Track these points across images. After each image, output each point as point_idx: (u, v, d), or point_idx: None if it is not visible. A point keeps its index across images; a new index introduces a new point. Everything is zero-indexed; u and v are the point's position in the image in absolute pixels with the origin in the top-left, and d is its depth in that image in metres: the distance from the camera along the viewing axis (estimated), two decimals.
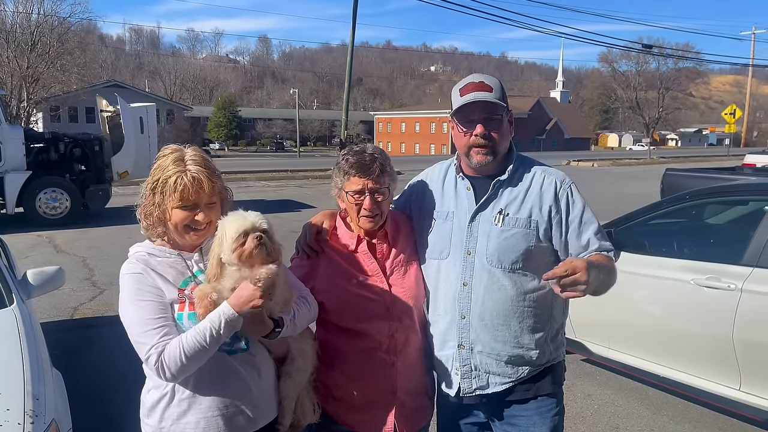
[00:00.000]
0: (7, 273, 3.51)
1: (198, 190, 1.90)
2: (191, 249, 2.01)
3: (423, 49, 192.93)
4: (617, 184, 20.71)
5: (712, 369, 4.05)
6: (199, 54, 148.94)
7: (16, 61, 30.90)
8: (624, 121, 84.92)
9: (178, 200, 1.90)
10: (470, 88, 2.20)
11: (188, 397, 1.93)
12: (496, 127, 2.18)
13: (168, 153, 1.95)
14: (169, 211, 1.92)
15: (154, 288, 1.89)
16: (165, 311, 1.86)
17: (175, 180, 1.89)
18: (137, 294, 1.88)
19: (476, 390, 2.24)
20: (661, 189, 10.90)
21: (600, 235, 2.23)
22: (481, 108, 2.17)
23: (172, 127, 52.00)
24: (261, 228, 1.85)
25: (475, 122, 2.18)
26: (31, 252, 10.15)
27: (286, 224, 11.86)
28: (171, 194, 1.90)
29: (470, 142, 2.20)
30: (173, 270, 1.95)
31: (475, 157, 2.21)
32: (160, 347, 1.80)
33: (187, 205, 1.91)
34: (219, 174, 2.00)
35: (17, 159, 12.62)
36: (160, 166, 1.94)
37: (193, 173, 1.90)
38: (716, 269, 4.04)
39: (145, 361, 1.85)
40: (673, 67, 51.43)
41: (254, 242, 1.82)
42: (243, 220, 1.87)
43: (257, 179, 22.21)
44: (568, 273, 1.88)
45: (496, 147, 2.20)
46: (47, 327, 3.88)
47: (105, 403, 4.46)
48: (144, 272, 1.91)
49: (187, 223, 1.93)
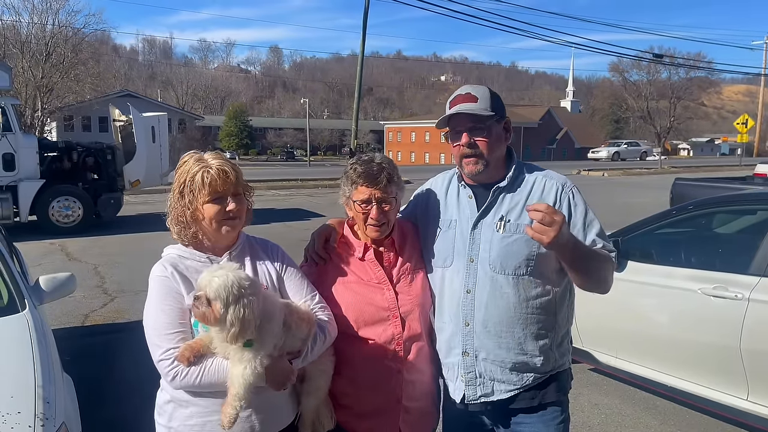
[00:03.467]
0: (20, 279, 3.56)
1: (225, 181, 1.96)
2: (224, 249, 2.07)
3: (433, 58, 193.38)
4: (627, 194, 20.60)
5: (720, 379, 4.03)
6: (210, 64, 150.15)
7: (30, 71, 31.36)
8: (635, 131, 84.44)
9: (208, 194, 1.96)
10: (458, 101, 2.25)
11: (197, 400, 1.97)
12: (482, 136, 2.21)
13: (188, 158, 2.03)
14: (200, 208, 1.98)
15: (177, 294, 1.95)
16: (184, 317, 1.93)
17: (202, 175, 1.96)
18: (161, 298, 1.95)
19: (481, 397, 2.25)
20: (671, 199, 10.84)
21: (602, 237, 2.23)
22: (466, 118, 2.20)
23: (184, 136, 52.30)
24: (204, 291, 1.82)
25: (461, 132, 2.22)
26: (44, 259, 10.24)
27: (296, 233, 11.94)
28: (200, 190, 1.96)
29: (459, 152, 2.25)
30: (201, 274, 1.99)
31: (466, 167, 2.25)
32: (173, 353, 1.88)
33: (216, 198, 1.97)
34: (239, 168, 2.06)
35: (31, 168, 12.77)
36: (183, 169, 2.00)
37: (217, 165, 1.97)
38: (723, 278, 4.03)
39: (156, 363, 1.91)
40: (684, 77, 51.18)
41: (192, 303, 1.85)
42: (202, 276, 1.88)
43: (268, 188, 22.27)
44: (546, 217, 1.93)
45: (485, 155, 2.22)
46: (59, 333, 3.94)
47: (115, 408, 4.50)
48: (171, 276, 1.97)
49: (220, 216, 1.98)
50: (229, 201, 1.98)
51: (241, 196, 2.04)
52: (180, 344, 1.90)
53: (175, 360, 1.87)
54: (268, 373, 1.88)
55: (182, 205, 1.99)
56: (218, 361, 1.89)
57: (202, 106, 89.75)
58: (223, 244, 2.07)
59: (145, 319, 1.97)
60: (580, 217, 2.23)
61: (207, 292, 1.81)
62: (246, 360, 1.84)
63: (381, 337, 2.23)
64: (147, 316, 1.96)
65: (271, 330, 1.89)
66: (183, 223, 2.01)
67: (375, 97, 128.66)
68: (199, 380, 1.88)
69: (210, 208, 1.97)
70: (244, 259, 2.10)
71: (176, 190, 2.01)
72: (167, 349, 1.89)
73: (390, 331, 2.24)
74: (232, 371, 1.86)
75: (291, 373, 1.95)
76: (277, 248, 2.21)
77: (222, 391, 1.89)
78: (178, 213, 2.01)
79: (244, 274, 1.89)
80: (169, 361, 1.88)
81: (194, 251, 2.05)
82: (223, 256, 2.06)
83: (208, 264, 2.02)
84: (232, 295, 1.81)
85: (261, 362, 1.85)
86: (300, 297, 2.11)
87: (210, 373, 1.88)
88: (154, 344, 1.92)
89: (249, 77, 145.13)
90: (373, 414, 2.28)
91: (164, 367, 1.88)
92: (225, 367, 1.88)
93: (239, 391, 1.83)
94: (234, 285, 1.82)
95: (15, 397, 2.53)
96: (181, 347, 1.89)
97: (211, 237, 2.04)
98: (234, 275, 1.85)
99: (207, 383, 1.89)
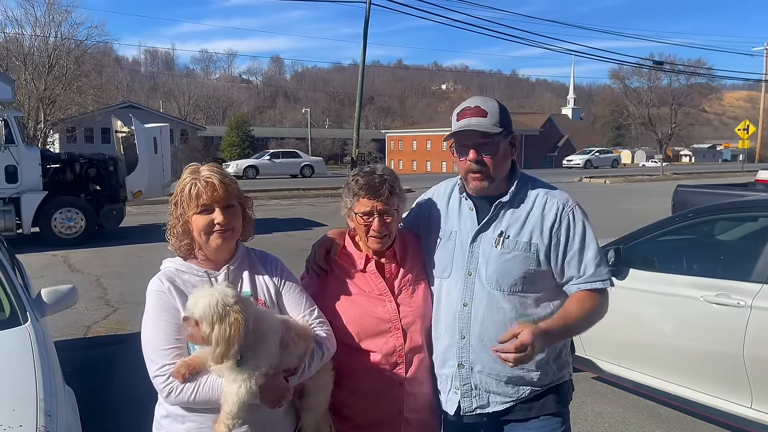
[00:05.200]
0: (21, 292, 3.56)
1: (212, 193, 1.96)
2: (222, 263, 2.06)
3: (434, 67, 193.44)
4: (628, 201, 20.58)
5: (723, 386, 4.02)
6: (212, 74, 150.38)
7: (33, 83, 31.47)
8: (636, 138, 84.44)
9: (195, 206, 1.96)
10: (466, 114, 2.21)
11: (192, 416, 1.96)
12: (490, 153, 2.18)
13: (186, 169, 2.04)
14: (190, 220, 1.99)
15: (173, 309, 1.95)
16: (180, 333, 1.92)
17: (190, 187, 1.97)
18: (157, 313, 1.95)
19: (476, 409, 2.24)
20: (672, 206, 10.83)
21: (598, 260, 2.20)
22: (474, 134, 2.17)
23: (186, 146, 52.39)
24: (190, 313, 1.82)
25: (469, 148, 2.19)
26: (46, 271, 10.26)
27: (298, 242, 11.94)
28: (189, 202, 1.97)
29: (466, 167, 2.22)
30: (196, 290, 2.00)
31: (471, 183, 2.24)
32: (168, 369, 1.88)
33: (204, 209, 1.97)
34: (233, 179, 2.05)
35: (34, 179, 12.80)
36: (180, 181, 2.02)
37: (205, 177, 1.97)
38: (726, 286, 4.03)
39: (152, 379, 1.92)
40: (685, 83, 51.18)
41: (184, 325, 1.85)
42: (190, 297, 1.88)
43: (270, 198, 22.31)
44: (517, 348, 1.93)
45: (491, 172, 2.19)
46: (61, 345, 3.93)
47: (116, 421, 4.49)
48: (167, 291, 1.97)
49: (209, 228, 1.98)
50: (217, 213, 1.97)
51: (234, 208, 2.02)
52: (176, 360, 1.89)
53: (171, 376, 1.88)
54: (263, 391, 1.87)
55: (176, 216, 2.01)
56: (213, 378, 1.89)
57: (204, 116, 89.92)
58: (218, 257, 2.06)
59: (142, 333, 1.97)
60: (578, 240, 2.20)
61: (194, 313, 1.81)
62: (240, 379, 1.83)
63: (383, 348, 2.23)
64: (144, 331, 1.97)
65: (266, 349, 1.87)
66: (177, 235, 2.02)
67: (376, 106, 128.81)
68: (193, 397, 1.88)
69: (198, 220, 1.98)
70: (242, 272, 2.09)
71: (172, 200, 2.03)
72: (162, 365, 1.89)
73: (392, 342, 2.24)
74: (226, 389, 1.85)
75: (286, 391, 1.93)
76: (276, 261, 2.20)
77: (218, 407, 1.88)
78: (172, 224, 2.03)
79: (231, 292, 1.86)
80: (164, 377, 1.89)
81: (192, 265, 2.05)
82: (221, 270, 2.05)
83: (205, 278, 2.02)
84: (217, 314, 1.79)
85: (256, 381, 1.84)
86: (298, 312, 2.10)
87: (204, 391, 1.88)
88: (150, 360, 1.92)
89: (251, 87, 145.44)
90: (375, 426, 2.27)
91: (160, 383, 1.89)
92: (219, 385, 1.88)
93: (232, 409, 1.82)
94: (219, 304, 1.80)
95: (17, 410, 2.53)
96: (177, 363, 1.88)
97: (204, 249, 2.04)
98: (220, 295, 1.83)
99: (201, 400, 1.89)
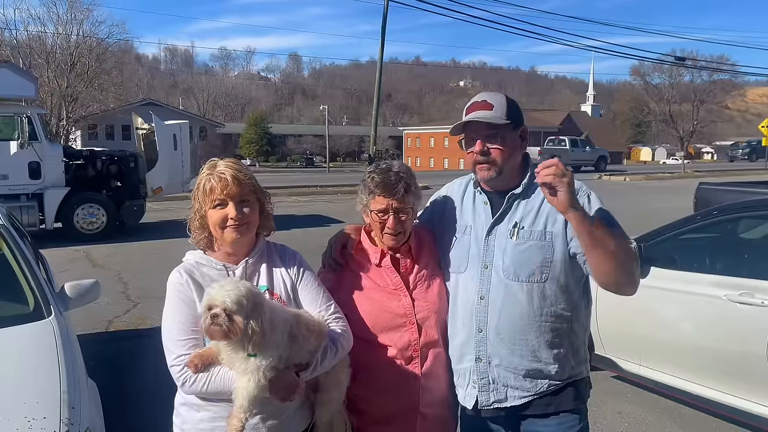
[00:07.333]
0: (45, 286, 3.62)
1: (225, 187, 1.98)
2: (241, 256, 2.08)
3: (452, 64, 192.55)
4: (649, 199, 20.33)
5: (746, 387, 3.96)
6: (231, 72, 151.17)
7: (56, 81, 31.96)
8: (657, 135, 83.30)
9: (210, 201, 2.00)
10: (473, 108, 2.25)
11: (207, 405, 2.00)
12: (496, 144, 2.20)
13: (205, 165, 2.07)
14: (206, 215, 2.03)
15: (191, 301, 1.99)
16: (196, 324, 1.95)
17: (205, 182, 2.01)
18: (176, 304, 2.00)
19: (494, 403, 2.25)
20: (695, 203, 10.67)
21: (621, 231, 2.15)
22: (481, 126, 2.21)
23: (205, 143, 52.89)
24: (223, 306, 1.80)
25: (475, 140, 2.22)
26: (69, 266, 10.40)
27: (315, 239, 11.92)
28: (204, 197, 2.01)
29: (473, 159, 2.25)
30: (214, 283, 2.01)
31: (479, 173, 2.26)
32: (183, 359, 1.93)
33: (218, 204, 2.00)
34: (250, 175, 2.07)
35: (56, 176, 13.00)
36: (199, 176, 2.06)
37: (219, 172, 2.00)
38: (749, 285, 3.97)
39: (169, 368, 1.97)
40: (707, 80, 50.39)
41: (207, 321, 1.82)
42: (212, 293, 1.84)
43: (288, 194, 22.39)
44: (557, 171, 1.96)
45: (498, 163, 2.21)
46: (83, 339, 3.99)
47: (138, 414, 4.54)
48: (185, 284, 2.01)
49: (223, 222, 2.01)
50: (230, 207, 2.00)
51: (250, 203, 2.04)
52: (191, 350, 1.94)
53: (185, 366, 1.92)
54: (273, 384, 1.88)
55: (194, 210, 2.06)
56: (224, 370, 1.92)
57: (223, 113, 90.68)
58: (236, 250, 2.08)
59: (163, 323, 2.02)
60: (597, 212, 2.17)
61: (228, 307, 1.80)
62: (249, 371, 1.84)
63: (397, 343, 2.24)
64: (164, 321, 2.02)
65: (275, 340, 1.88)
66: (195, 229, 2.07)
67: (394, 103, 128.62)
68: (206, 387, 1.93)
69: (213, 214, 2.02)
70: (261, 266, 2.11)
71: (193, 196, 2.08)
72: (179, 355, 1.94)
73: (406, 337, 2.25)
74: (236, 383, 1.88)
75: (297, 386, 1.93)
76: (295, 255, 2.21)
77: (231, 398, 1.90)
78: (191, 219, 2.08)
79: (249, 283, 1.92)
80: (179, 367, 1.93)
81: (211, 258, 2.08)
82: (240, 264, 2.07)
83: (224, 272, 2.05)
84: (252, 305, 1.82)
85: (264, 374, 1.85)
86: (315, 307, 2.11)
87: (216, 382, 1.92)
88: (168, 350, 1.98)
89: (269, 85, 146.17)
90: (391, 420, 2.28)
91: (175, 372, 1.95)
92: (230, 377, 1.91)
93: (243, 403, 1.84)
94: (249, 294, 1.84)
95: (40, 402, 2.57)
96: (191, 354, 1.93)
97: (221, 243, 2.07)
98: (245, 286, 1.86)
99: (213, 391, 1.93)
